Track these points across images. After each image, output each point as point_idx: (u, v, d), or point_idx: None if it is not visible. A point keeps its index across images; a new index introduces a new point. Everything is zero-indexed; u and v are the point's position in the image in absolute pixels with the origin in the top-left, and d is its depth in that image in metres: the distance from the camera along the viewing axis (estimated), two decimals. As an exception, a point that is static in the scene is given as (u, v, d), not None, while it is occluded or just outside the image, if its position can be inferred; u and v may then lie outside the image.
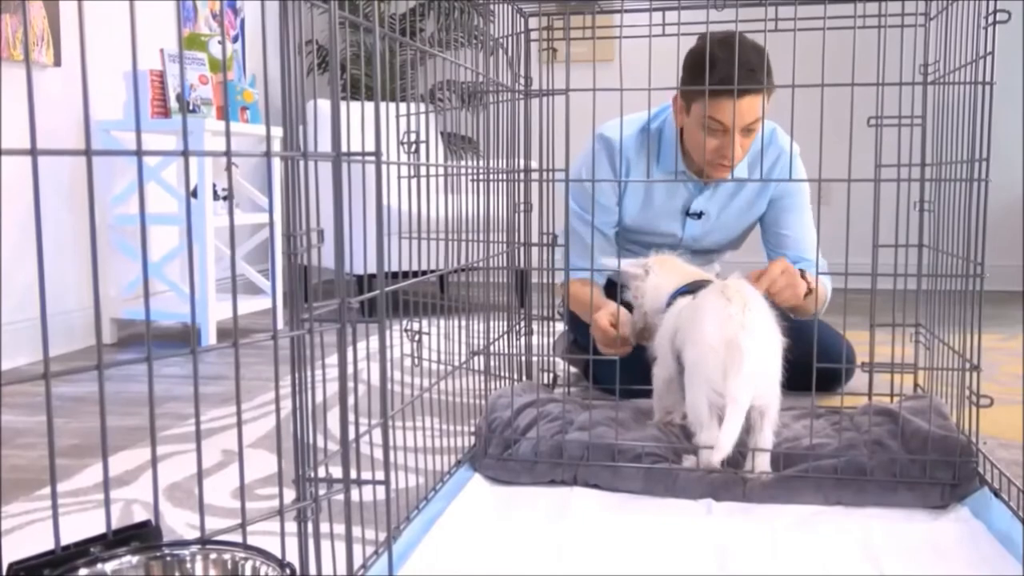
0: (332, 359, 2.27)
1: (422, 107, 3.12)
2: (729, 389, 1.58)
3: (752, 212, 2.41)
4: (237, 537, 0.98)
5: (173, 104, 3.31)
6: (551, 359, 2.45)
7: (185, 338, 3.54)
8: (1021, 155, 4.84)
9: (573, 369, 2.66)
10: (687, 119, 2.19)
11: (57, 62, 3.07)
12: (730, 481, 1.65)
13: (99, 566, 0.88)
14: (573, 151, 1.87)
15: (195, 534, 1.00)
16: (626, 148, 2.28)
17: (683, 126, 2.23)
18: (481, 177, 2.00)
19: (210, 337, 3.27)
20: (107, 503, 0.90)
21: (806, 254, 2.39)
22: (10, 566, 0.83)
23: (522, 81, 2.17)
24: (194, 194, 3.28)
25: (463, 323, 1.96)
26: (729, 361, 1.60)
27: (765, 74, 2.02)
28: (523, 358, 2.30)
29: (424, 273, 1.60)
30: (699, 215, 2.37)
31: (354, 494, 1.09)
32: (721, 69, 1.90)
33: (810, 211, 2.39)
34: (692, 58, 2.08)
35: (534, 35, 2.17)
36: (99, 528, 0.92)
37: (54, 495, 0.86)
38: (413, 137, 1.76)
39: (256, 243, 3.87)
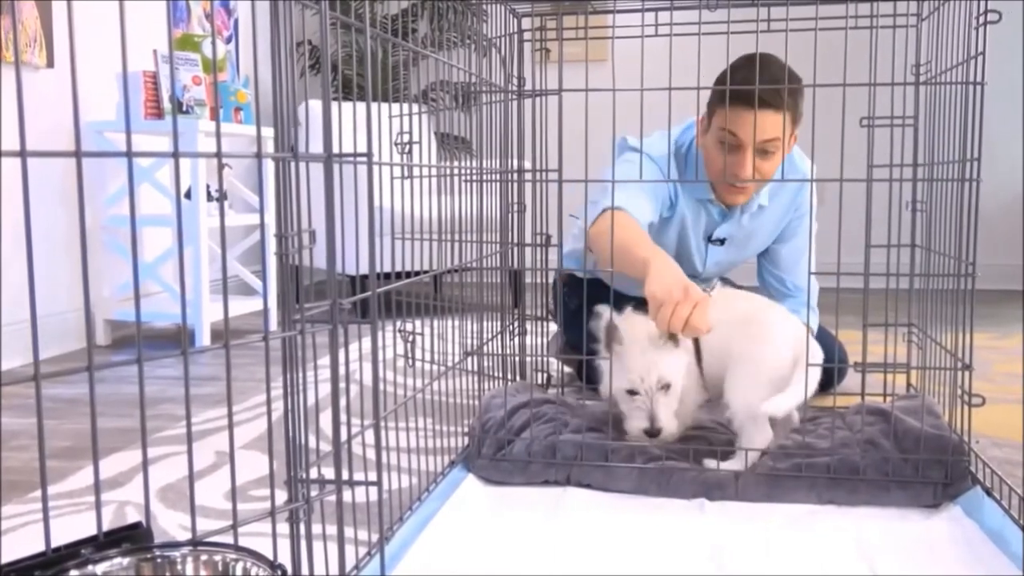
0: (325, 360, 2.27)
1: (416, 108, 3.11)
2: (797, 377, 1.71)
3: (769, 237, 2.40)
4: (229, 538, 0.97)
5: (167, 105, 3.30)
6: (545, 359, 2.45)
7: (178, 339, 3.53)
8: (1021, 155, 4.85)
9: (567, 369, 2.66)
10: (707, 138, 2.15)
11: (50, 63, 3.07)
12: (723, 480, 1.65)
13: (90, 568, 0.88)
14: (566, 151, 1.87)
15: (188, 536, 1.00)
16: (664, 164, 2.20)
17: (704, 146, 2.18)
18: (474, 178, 2.00)
19: (204, 338, 3.27)
20: (98, 505, 0.90)
21: (796, 277, 2.40)
22: (0, 568, 0.83)
23: (515, 81, 2.17)
24: (188, 195, 3.28)
25: (457, 323, 1.96)
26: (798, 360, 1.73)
27: (790, 94, 1.98)
28: (517, 358, 2.30)
29: (418, 274, 1.60)
30: (722, 242, 2.34)
31: (347, 495, 1.09)
32: (743, 78, 1.89)
33: (808, 239, 2.38)
34: (721, 73, 2.04)
35: (527, 35, 2.17)
36: (93, 530, 0.92)
37: (44, 497, 0.85)
38: (406, 138, 1.76)
39: (250, 244, 3.87)
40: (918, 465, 1.63)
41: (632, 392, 1.76)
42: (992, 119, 1.57)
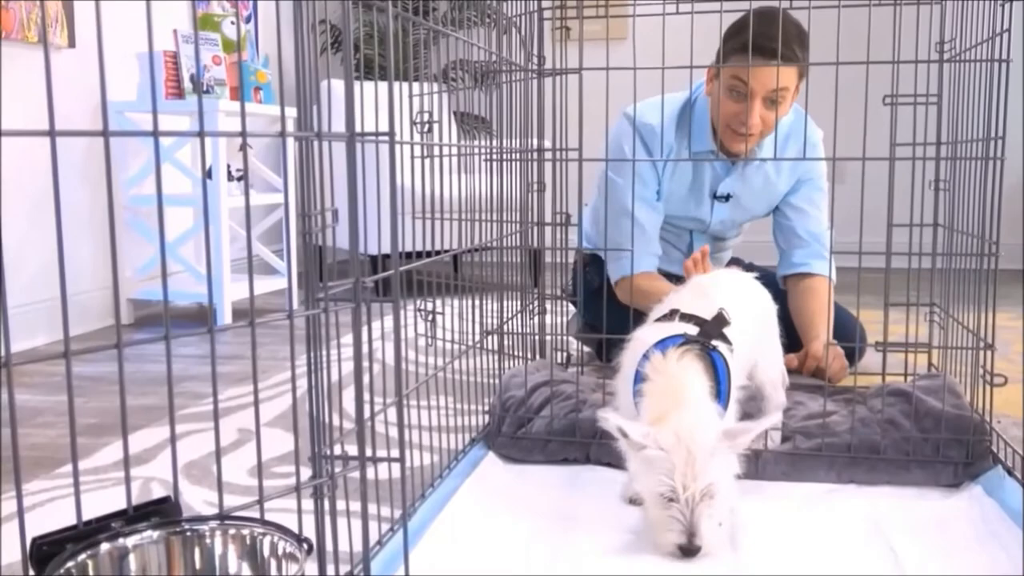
0: (346, 339, 2.27)
1: (435, 87, 3.11)
2: None
3: (774, 195, 2.39)
4: (255, 513, 0.99)
5: (187, 85, 3.32)
6: (564, 338, 2.45)
7: (199, 318, 3.56)
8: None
9: (586, 348, 2.66)
10: (714, 85, 2.18)
11: (71, 43, 3.08)
12: (743, 459, 1.65)
13: (120, 541, 0.89)
14: (587, 130, 1.87)
15: (212, 511, 1.02)
16: (665, 132, 2.25)
17: (711, 96, 2.22)
18: (494, 157, 2.00)
19: (225, 317, 3.29)
20: (127, 479, 0.91)
21: (808, 223, 2.37)
22: (34, 540, 0.84)
23: (535, 60, 2.16)
24: (208, 175, 3.29)
25: (477, 303, 1.97)
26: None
27: (797, 48, 2.00)
28: (536, 337, 2.31)
29: (438, 253, 1.60)
30: (727, 197, 2.34)
31: (369, 472, 1.10)
32: (754, 29, 1.90)
33: (826, 199, 2.37)
34: (731, 25, 2.09)
35: (547, 14, 2.16)
36: (118, 505, 0.94)
37: (75, 472, 0.87)
38: (426, 117, 1.76)
39: (270, 224, 3.88)
40: (938, 445, 1.63)
41: (669, 499, 1.34)
42: (1017, 97, 1.55)
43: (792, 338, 1.95)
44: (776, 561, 1.34)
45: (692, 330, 1.54)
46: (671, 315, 1.60)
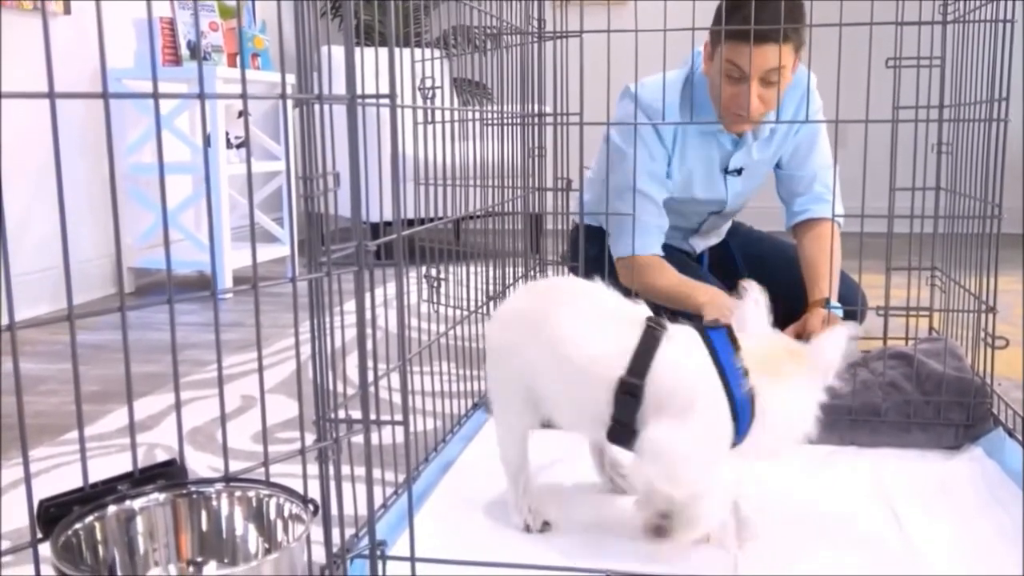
0: (348, 305, 2.27)
1: (435, 53, 3.08)
2: None
3: (778, 156, 2.37)
4: (260, 476, 0.99)
5: (184, 52, 3.29)
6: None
7: (200, 286, 3.56)
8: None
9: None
10: (711, 66, 2.14)
11: (67, 11, 3.05)
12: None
13: (127, 503, 0.90)
14: (587, 94, 1.86)
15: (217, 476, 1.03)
16: (671, 115, 2.18)
17: (709, 75, 2.18)
18: (495, 122, 1.99)
19: (226, 285, 3.29)
20: (133, 441, 0.92)
21: (806, 171, 2.34)
22: (41, 502, 0.85)
23: (535, 23, 2.14)
24: (207, 142, 3.28)
25: (478, 269, 1.97)
26: None
27: (791, 24, 1.96)
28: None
29: (439, 219, 1.60)
30: (739, 172, 2.31)
31: (374, 437, 1.10)
32: (745, 12, 1.86)
33: (826, 141, 2.34)
34: (725, 2, 2.03)
35: (547, -23, 2.14)
36: (123, 471, 0.94)
37: (81, 435, 0.87)
38: (428, 83, 1.75)
39: (269, 192, 3.87)
40: (940, 407, 1.64)
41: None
42: (1019, 58, 1.54)
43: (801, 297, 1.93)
44: (778, 523, 1.34)
45: None
46: None
